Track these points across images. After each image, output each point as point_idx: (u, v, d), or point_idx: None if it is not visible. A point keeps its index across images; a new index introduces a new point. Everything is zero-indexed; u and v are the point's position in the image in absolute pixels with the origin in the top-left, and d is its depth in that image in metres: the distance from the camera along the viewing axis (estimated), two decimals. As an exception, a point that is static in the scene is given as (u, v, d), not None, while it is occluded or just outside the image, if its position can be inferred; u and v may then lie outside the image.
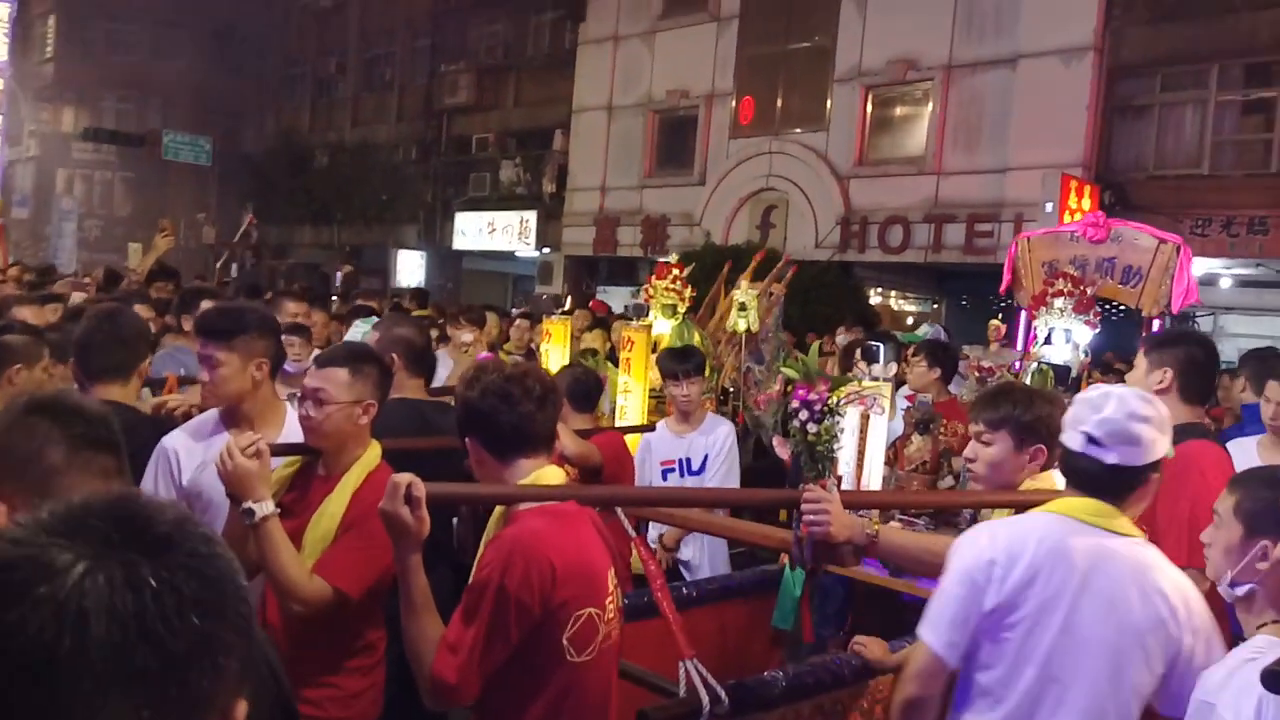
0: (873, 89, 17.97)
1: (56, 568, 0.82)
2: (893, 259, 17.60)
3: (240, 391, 3.21)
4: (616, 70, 21.85)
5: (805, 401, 4.70)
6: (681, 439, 5.45)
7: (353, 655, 2.98)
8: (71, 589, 0.81)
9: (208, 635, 0.85)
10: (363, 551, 2.84)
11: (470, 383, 2.51)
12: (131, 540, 0.86)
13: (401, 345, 4.14)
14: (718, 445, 5.45)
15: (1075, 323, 6.17)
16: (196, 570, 0.87)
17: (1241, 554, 2.17)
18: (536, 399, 2.49)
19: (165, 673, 0.82)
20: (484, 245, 25.10)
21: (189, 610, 0.84)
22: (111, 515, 0.88)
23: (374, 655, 3.06)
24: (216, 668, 0.86)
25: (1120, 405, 2.40)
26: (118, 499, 0.91)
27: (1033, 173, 14.63)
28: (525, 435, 2.49)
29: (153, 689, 0.82)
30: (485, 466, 2.51)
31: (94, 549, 0.84)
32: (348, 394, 2.97)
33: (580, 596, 2.36)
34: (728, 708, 2.90)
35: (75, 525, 0.86)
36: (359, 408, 2.98)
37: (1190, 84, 15.30)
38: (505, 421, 2.45)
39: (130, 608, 0.82)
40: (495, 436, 2.48)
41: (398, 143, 28.19)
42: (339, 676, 2.94)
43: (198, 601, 0.85)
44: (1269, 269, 15.35)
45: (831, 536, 2.58)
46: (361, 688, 3.00)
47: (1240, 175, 14.70)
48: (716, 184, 19.82)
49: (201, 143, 29.78)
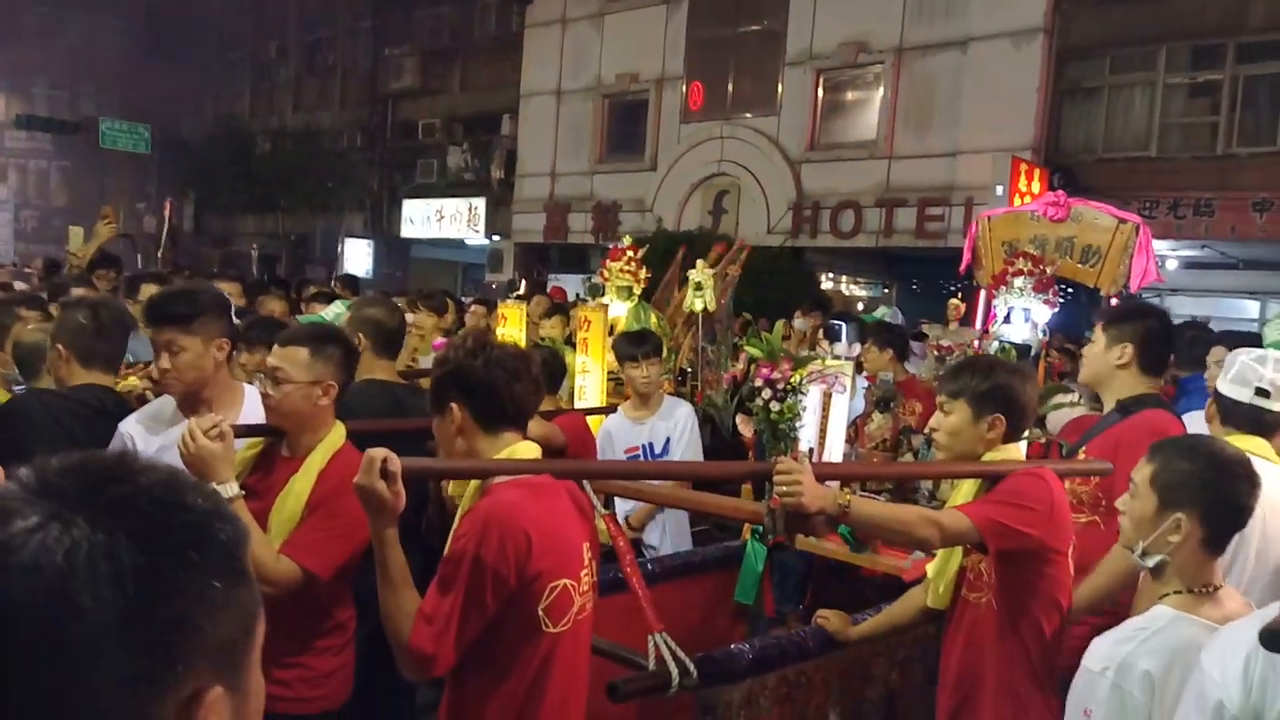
0: (824, 72, 17.97)
1: (13, 523, 0.78)
2: (845, 244, 17.65)
3: (204, 375, 3.17)
4: (565, 54, 21.69)
5: (768, 380, 4.71)
6: (641, 425, 5.39)
7: (323, 635, 2.97)
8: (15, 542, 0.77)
9: (150, 608, 0.78)
10: (330, 531, 2.83)
11: (473, 351, 2.49)
12: (83, 500, 0.80)
13: (370, 326, 4.13)
14: (679, 428, 5.41)
15: (1034, 302, 6.19)
16: (148, 536, 0.80)
17: (1155, 526, 2.18)
18: (534, 380, 2.56)
19: (93, 642, 0.77)
20: (432, 233, 24.88)
21: (125, 579, 0.77)
22: (78, 474, 0.83)
23: (344, 635, 3.06)
24: (162, 644, 0.79)
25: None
26: (94, 459, 0.85)
27: (983, 156, 14.72)
28: (517, 411, 2.53)
29: (82, 657, 0.76)
30: (466, 435, 2.48)
31: (55, 507, 0.79)
32: (306, 374, 2.94)
33: (556, 568, 2.37)
34: (696, 680, 2.95)
35: (46, 483, 0.81)
36: (318, 388, 2.94)
37: (1139, 66, 15.46)
38: (505, 395, 2.47)
39: (57, 569, 0.76)
40: (490, 407, 2.48)
41: (341, 128, 27.87)
42: (309, 657, 2.93)
43: (139, 571, 0.78)
44: (1214, 251, 15.58)
45: (804, 507, 2.58)
46: (332, 668, 2.99)
47: (1187, 158, 14.90)
48: (668, 170, 19.74)
49: (140, 130, 29.18)
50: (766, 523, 2.72)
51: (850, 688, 3.66)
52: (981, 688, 2.94)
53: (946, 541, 2.90)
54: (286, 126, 29.06)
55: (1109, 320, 3.80)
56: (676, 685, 2.92)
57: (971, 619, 2.99)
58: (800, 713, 3.48)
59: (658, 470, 4.04)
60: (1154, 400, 3.64)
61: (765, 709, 3.36)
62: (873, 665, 3.75)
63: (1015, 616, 2.87)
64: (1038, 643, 2.86)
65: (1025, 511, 2.79)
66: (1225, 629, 1.91)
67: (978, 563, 2.98)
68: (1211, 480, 2.15)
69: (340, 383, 3.00)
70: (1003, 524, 2.77)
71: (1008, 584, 2.88)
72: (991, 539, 2.79)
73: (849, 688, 3.66)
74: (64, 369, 3.54)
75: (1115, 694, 2.03)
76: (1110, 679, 2.05)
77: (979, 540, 2.82)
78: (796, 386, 4.71)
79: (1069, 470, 3.09)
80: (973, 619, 2.98)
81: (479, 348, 2.52)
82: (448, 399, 2.47)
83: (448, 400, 2.47)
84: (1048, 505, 2.82)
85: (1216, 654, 1.80)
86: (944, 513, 2.94)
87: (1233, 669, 1.73)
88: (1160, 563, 2.17)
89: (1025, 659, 2.87)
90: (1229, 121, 14.56)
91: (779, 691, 3.39)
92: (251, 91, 31.31)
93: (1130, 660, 2.04)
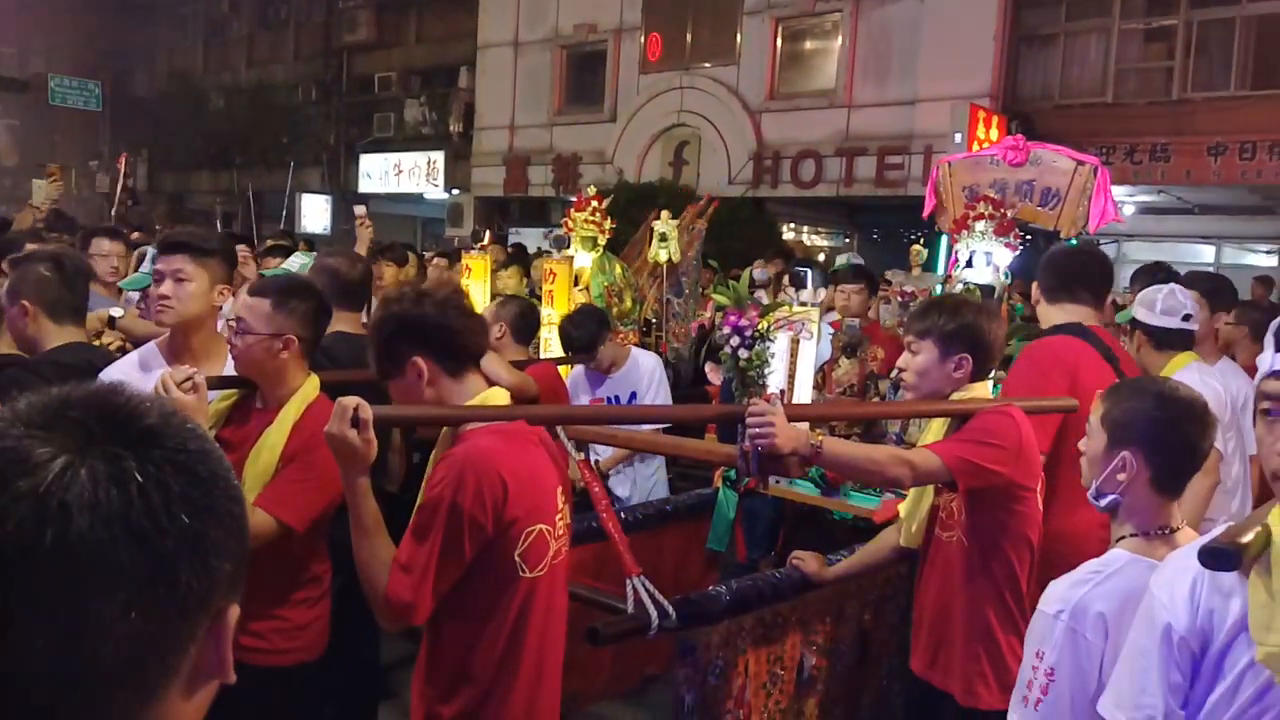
0: (782, 21, 17.88)
1: (35, 461, 0.77)
2: (806, 194, 17.64)
3: (199, 314, 3.17)
4: (522, 4, 21.40)
5: (736, 328, 4.76)
6: (608, 376, 5.41)
7: (298, 588, 2.96)
8: (52, 483, 0.76)
9: (197, 534, 0.81)
10: (305, 484, 2.81)
11: (418, 299, 2.45)
12: (115, 433, 0.81)
13: (326, 275, 4.04)
14: (645, 380, 5.43)
15: (996, 245, 6.24)
16: (185, 466, 0.82)
17: (1104, 464, 2.19)
18: (479, 317, 2.58)
19: (152, 572, 0.78)
20: (390, 188, 24.61)
21: (177, 507, 0.80)
22: (93, 407, 0.83)
23: (320, 587, 3.05)
24: (207, 568, 0.82)
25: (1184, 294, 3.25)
26: (97, 391, 0.85)
27: (941, 104, 14.75)
28: (477, 349, 2.51)
29: (140, 588, 0.78)
30: (435, 385, 2.43)
31: (76, 442, 0.79)
32: (267, 326, 2.90)
33: (531, 513, 2.37)
34: (675, 621, 3.02)
35: (53, 417, 0.81)
36: (279, 341, 2.90)
37: (1094, 12, 15.50)
38: (464, 334, 2.45)
39: (115, 503, 0.77)
40: (453, 350, 2.44)
41: (296, 83, 27.43)
42: (285, 609, 2.92)
43: (186, 498, 0.81)
44: (1170, 195, 15.73)
45: (777, 448, 2.60)
46: (308, 620, 2.99)
47: (1143, 104, 14.99)
48: (628, 121, 19.62)
49: (90, 87, 28.52)
50: (740, 465, 2.74)
51: (825, 628, 3.75)
52: (954, 626, 2.97)
53: (918, 480, 2.93)
54: (240, 82, 28.54)
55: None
56: (655, 627, 2.98)
57: (944, 557, 3.02)
58: (776, 653, 3.56)
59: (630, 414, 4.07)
60: (1070, 329, 3.69)
61: (742, 650, 3.43)
62: (846, 606, 3.84)
63: (986, 554, 2.91)
64: (1009, 580, 2.89)
65: (993, 449, 2.82)
66: (1174, 554, 1.93)
67: (949, 501, 3.01)
68: (1159, 418, 2.15)
69: (304, 336, 2.96)
70: (972, 462, 2.80)
71: (978, 521, 2.91)
72: (961, 477, 2.83)
73: (824, 628, 3.75)
74: (31, 327, 3.36)
75: (1069, 636, 2.04)
76: (1065, 622, 2.05)
77: (949, 478, 2.85)
78: (764, 334, 4.76)
79: (1036, 408, 3.15)
80: (945, 557, 3.02)
81: (420, 295, 2.47)
82: (405, 355, 2.40)
83: (405, 356, 2.40)
84: (1016, 442, 2.85)
85: (1165, 579, 1.82)
86: (914, 451, 2.98)
87: (1180, 592, 1.76)
88: (1113, 503, 2.18)
89: (997, 597, 2.90)
90: (1184, 67, 14.65)
91: (756, 632, 3.47)
92: (205, 47, 30.71)
93: (1084, 603, 2.05)
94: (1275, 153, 13.56)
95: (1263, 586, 1.62)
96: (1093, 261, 3.95)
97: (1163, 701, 1.75)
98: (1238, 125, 13.84)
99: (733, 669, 3.39)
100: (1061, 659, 2.05)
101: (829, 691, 3.78)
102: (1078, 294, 3.77)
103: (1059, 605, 2.10)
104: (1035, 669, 2.10)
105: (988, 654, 2.91)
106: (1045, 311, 3.85)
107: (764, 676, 3.52)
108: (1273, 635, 1.58)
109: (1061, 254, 4.00)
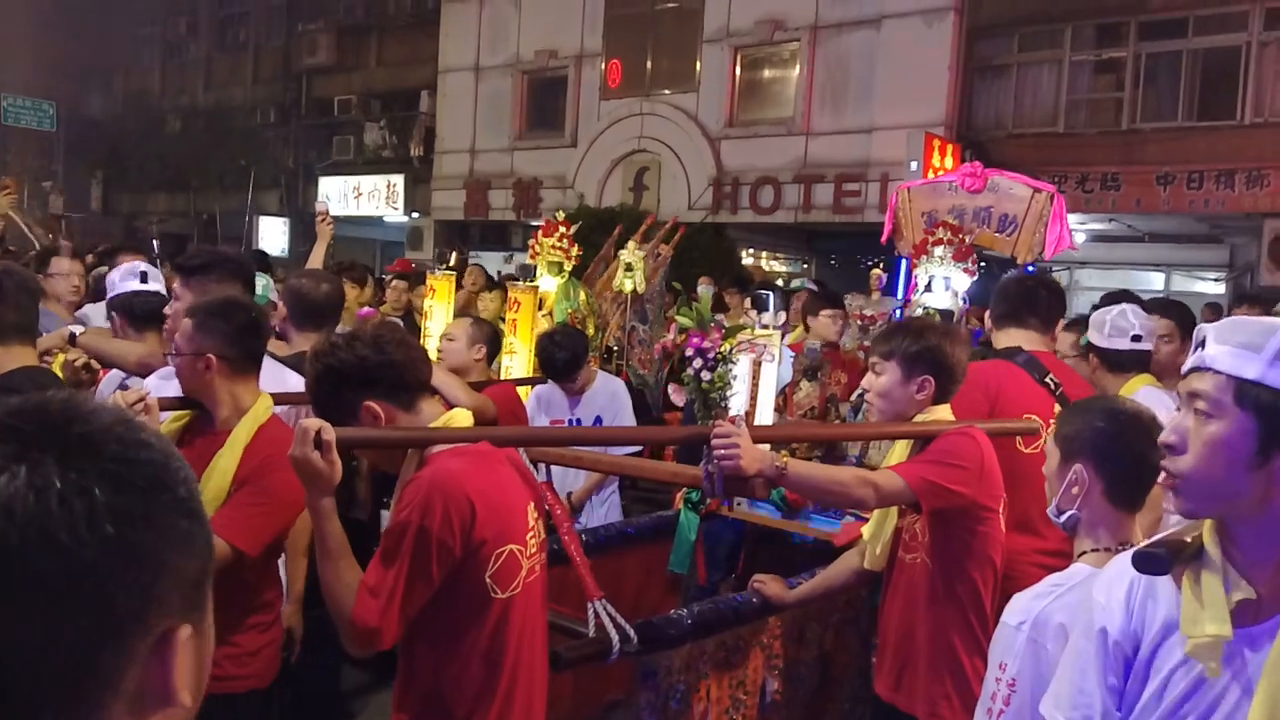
0: (741, 50, 18.04)
1: None
2: (764, 219, 17.78)
3: None
4: (483, 29, 21.43)
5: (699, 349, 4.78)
6: (572, 398, 5.43)
7: (251, 613, 2.95)
8: None
9: (128, 546, 0.77)
10: (258, 508, 2.80)
11: (350, 344, 2.41)
12: (45, 440, 0.78)
13: (290, 296, 4.04)
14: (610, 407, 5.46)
15: (955, 270, 6.34)
16: (118, 475, 0.79)
17: (1059, 480, 2.23)
18: (411, 342, 2.53)
19: (74, 583, 0.75)
20: (350, 210, 24.41)
21: (102, 517, 0.76)
22: (29, 414, 0.80)
23: (271, 613, 3.05)
24: (140, 584, 0.78)
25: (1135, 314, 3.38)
26: (41, 399, 0.83)
27: (897, 132, 14.93)
28: (424, 375, 2.49)
29: (61, 599, 0.75)
30: (394, 424, 2.41)
31: (16, 448, 0.77)
32: (188, 345, 2.91)
33: (501, 533, 2.35)
34: (637, 645, 3.01)
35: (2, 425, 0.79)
36: (200, 361, 2.89)
37: (1046, 44, 15.77)
38: (407, 367, 2.42)
39: (30, 510, 0.74)
40: (403, 384, 2.41)
41: (255, 105, 27.23)
42: (237, 634, 2.90)
43: (113, 508, 0.77)
44: (1121, 224, 16.01)
45: (742, 470, 2.59)
46: (259, 645, 2.98)
47: (1094, 133, 15.27)
48: (588, 146, 19.67)
49: (45, 107, 28.15)
50: (705, 486, 2.73)
51: (787, 650, 3.77)
52: (918, 647, 2.99)
53: (882, 501, 2.94)
54: (198, 104, 28.29)
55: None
56: (618, 651, 2.98)
57: (908, 579, 3.05)
58: (739, 676, 3.58)
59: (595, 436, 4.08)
60: (1006, 353, 3.83)
61: (704, 674, 3.43)
62: (807, 629, 3.86)
63: (949, 575, 2.93)
64: (973, 601, 2.92)
65: (957, 470, 2.85)
66: (1114, 559, 1.96)
67: (913, 523, 3.04)
68: (1104, 429, 2.18)
69: (228, 355, 2.91)
70: (935, 483, 2.83)
71: (941, 543, 2.94)
72: (924, 498, 2.85)
73: (785, 650, 3.77)
74: None
75: (1030, 647, 2.08)
76: (1026, 633, 2.09)
77: (913, 499, 2.87)
78: (727, 356, 4.81)
79: (999, 430, 3.21)
80: (909, 579, 3.04)
81: (350, 340, 2.42)
82: (355, 403, 2.35)
83: (355, 404, 2.35)
84: (978, 464, 2.89)
85: (1104, 582, 1.86)
86: (878, 473, 2.99)
87: (1116, 595, 1.80)
88: (1071, 519, 2.21)
89: (961, 618, 2.92)
90: (1133, 97, 14.95)
91: (718, 656, 3.47)
92: (161, 68, 30.37)
93: (1045, 615, 2.09)
94: (1221, 182, 13.86)
95: (1191, 587, 1.67)
96: (1041, 289, 4.05)
97: (1100, 702, 1.78)
98: (1185, 155, 14.14)
99: (695, 693, 3.39)
100: (1023, 670, 2.09)
101: (791, 716, 3.80)
102: (1025, 321, 3.89)
103: (1020, 617, 2.14)
104: (998, 680, 2.15)
105: (952, 675, 2.93)
106: (995, 338, 3.97)
107: (726, 701, 3.53)
108: (1199, 627, 1.63)
109: (1011, 283, 4.10)
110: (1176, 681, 1.70)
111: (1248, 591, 1.62)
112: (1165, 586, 1.75)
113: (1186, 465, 1.67)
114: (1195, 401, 1.67)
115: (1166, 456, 1.71)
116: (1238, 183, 13.77)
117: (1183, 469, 1.68)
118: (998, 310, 3.99)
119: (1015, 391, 3.66)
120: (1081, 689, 1.81)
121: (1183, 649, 1.67)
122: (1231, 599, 1.62)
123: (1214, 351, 1.65)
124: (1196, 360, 1.69)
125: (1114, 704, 1.79)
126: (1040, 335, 3.90)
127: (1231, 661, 1.63)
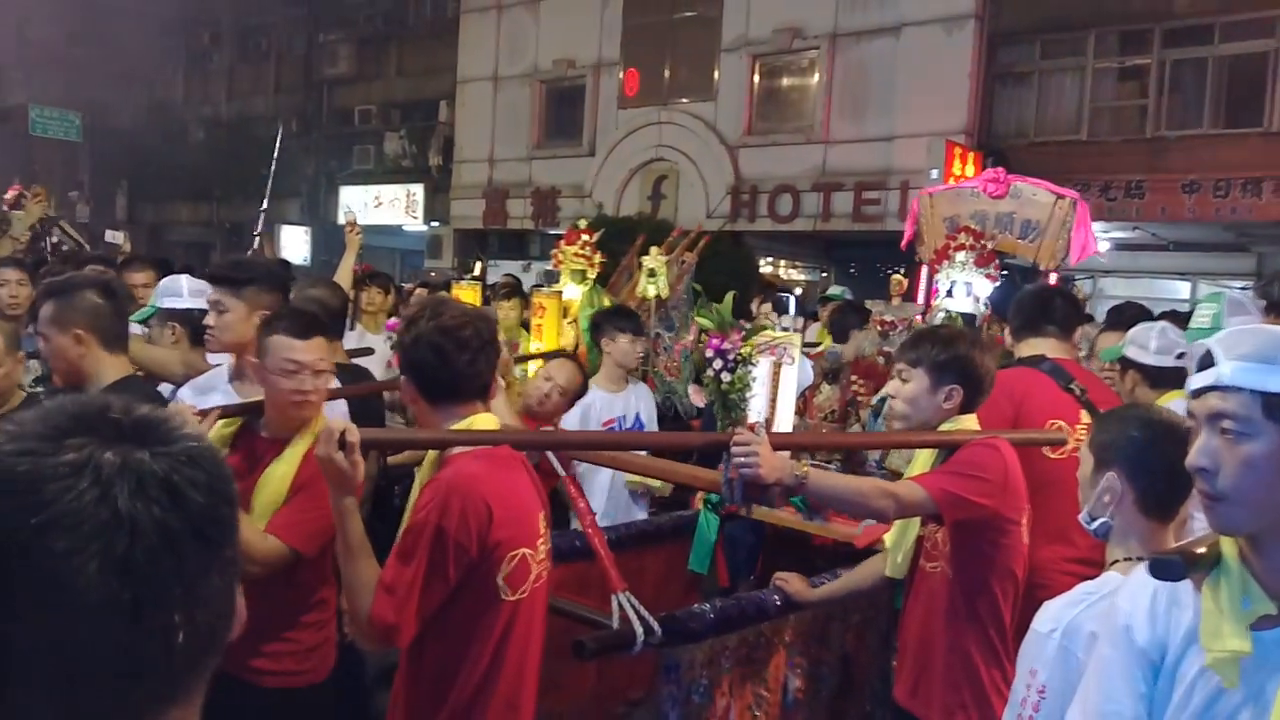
0: (760, 58, 18.05)
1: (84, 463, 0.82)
2: (783, 228, 17.76)
3: (241, 340, 3.34)
4: (501, 39, 21.56)
5: (719, 351, 4.77)
6: (619, 396, 5.41)
7: (308, 610, 3.03)
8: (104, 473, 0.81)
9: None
10: (315, 511, 2.86)
11: (409, 323, 2.51)
12: (139, 434, 0.86)
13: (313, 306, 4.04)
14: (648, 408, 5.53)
15: (976, 276, 6.31)
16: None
17: (1092, 487, 2.21)
18: (472, 351, 2.46)
19: (216, 547, 0.87)
20: (370, 220, 24.56)
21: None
22: (112, 412, 0.87)
23: (327, 610, 3.11)
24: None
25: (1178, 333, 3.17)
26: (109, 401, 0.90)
27: (918, 140, 14.91)
28: (456, 386, 2.49)
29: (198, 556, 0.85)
30: (418, 406, 2.52)
31: (116, 444, 0.84)
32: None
33: (515, 537, 2.39)
34: (660, 638, 3.00)
35: (87, 423, 0.85)
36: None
37: (1068, 51, 15.71)
38: (435, 373, 2.46)
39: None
40: (427, 383, 2.48)
41: (276, 115, 27.41)
42: (296, 632, 2.99)
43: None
44: (1145, 232, 15.89)
45: (761, 478, 2.58)
46: (317, 642, 3.05)
47: (1117, 141, 15.17)
48: (606, 155, 19.72)
49: (70, 117, 28.49)
50: (724, 493, 2.71)
51: (809, 649, 3.73)
52: (936, 656, 2.96)
53: (902, 513, 2.91)
54: (221, 114, 28.56)
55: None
56: (641, 643, 2.96)
57: (928, 588, 3.02)
58: (760, 673, 3.54)
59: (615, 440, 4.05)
60: (1030, 360, 3.92)
61: (727, 669, 3.41)
62: (830, 629, 3.82)
63: (970, 586, 2.90)
64: (992, 613, 2.89)
65: (979, 482, 2.81)
66: (1138, 567, 1.93)
67: (934, 532, 3.01)
68: (1138, 438, 2.17)
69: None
70: (957, 495, 2.79)
71: (962, 554, 2.91)
72: (946, 510, 2.82)
73: (808, 649, 3.72)
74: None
75: (1061, 654, 2.06)
76: (1057, 640, 2.07)
77: (935, 511, 2.84)
78: (747, 358, 4.77)
79: (1024, 440, 3.15)
80: (929, 588, 3.01)
81: (412, 319, 2.51)
82: (402, 371, 2.51)
83: (402, 371, 2.52)
84: (1002, 475, 2.85)
85: (1129, 589, 1.85)
86: (899, 484, 2.95)
87: (1141, 604, 1.79)
88: (1104, 527, 2.19)
89: (980, 628, 2.89)
90: (1157, 105, 14.86)
91: (740, 652, 3.44)
92: (185, 79, 30.68)
93: (1077, 623, 2.07)
94: (1248, 190, 13.74)
95: (1212, 597, 1.66)
96: (1057, 298, 4.15)
97: (1130, 709, 1.77)
98: (1211, 163, 14.03)
99: (717, 688, 3.36)
100: (1053, 677, 2.06)
101: (814, 715, 3.75)
102: (1043, 329, 3.97)
103: (1052, 624, 2.11)
104: (1029, 687, 2.12)
105: (970, 686, 2.90)
106: (1017, 349, 4.04)
107: (749, 698, 3.49)
108: (1219, 641, 1.61)
109: (1027, 296, 4.20)
110: (1198, 692, 1.69)
111: (1269, 607, 1.61)
112: (1189, 594, 1.74)
113: (1227, 484, 1.64)
114: (1221, 422, 1.64)
115: (1199, 479, 1.68)
116: (1265, 190, 13.65)
117: (1224, 489, 1.65)
118: (1015, 323, 4.09)
119: (1041, 398, 3.68)
120: (1110, 695, 1.80)
121: (1202, 660, 1.66)
122: (1253, 613, 1.61)
123: (1229, 369, 1.63)
124: (1211, 379, 1.66)
125: (1144, 710, 1.77)
126: (1060, 342, 3.97)
127: (1252, 669, 1.62)
